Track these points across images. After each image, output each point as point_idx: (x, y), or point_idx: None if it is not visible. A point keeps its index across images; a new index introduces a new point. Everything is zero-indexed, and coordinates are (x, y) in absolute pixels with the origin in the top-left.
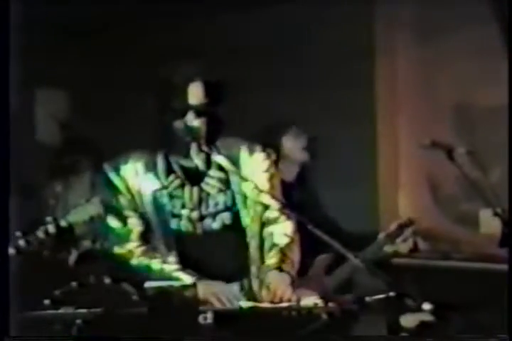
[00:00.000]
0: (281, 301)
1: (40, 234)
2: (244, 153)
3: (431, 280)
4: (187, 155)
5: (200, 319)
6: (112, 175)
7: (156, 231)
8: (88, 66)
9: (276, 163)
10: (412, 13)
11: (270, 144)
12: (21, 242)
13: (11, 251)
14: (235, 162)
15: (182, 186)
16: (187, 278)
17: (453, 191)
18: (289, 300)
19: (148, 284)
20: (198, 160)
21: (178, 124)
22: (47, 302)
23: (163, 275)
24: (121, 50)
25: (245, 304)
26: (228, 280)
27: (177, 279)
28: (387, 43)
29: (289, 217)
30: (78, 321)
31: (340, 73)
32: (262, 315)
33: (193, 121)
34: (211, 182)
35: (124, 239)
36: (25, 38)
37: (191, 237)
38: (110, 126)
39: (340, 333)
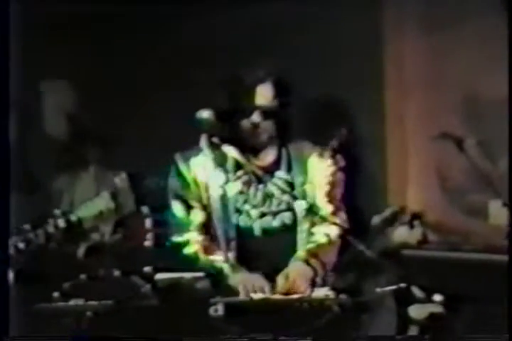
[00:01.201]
0: (294, 293)
1: (50, 228)
2: (313, 158)
3: (440, 272)
4: (257, 154)
5: (211, 311)
6: (182, 166)
7: (217, 224)
8: (98, 59)
9: (343, 169)
10: (420, 3)
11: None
12: (31, 235)
13: (21, 245)
14: (302, 165)
15: (249, 183)
16: (225, 268)
17: (462, 182)
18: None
19: (158, 276)
20: (208, 152)
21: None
22: (56, 294)
23: (207, 265)
24: (133, 43)
25: (256, 296)
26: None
27: (217, 268)
28: (395, 34)
29: (336, 223)
30: (89, 313)
31: (347, 66)
32: (273, 307)
33: (203, 113)
34: (277, 183)
35: (184, 228)
36: (29, 29)
37: (248, 233)
38: (119, 120)
39: (351, 325)
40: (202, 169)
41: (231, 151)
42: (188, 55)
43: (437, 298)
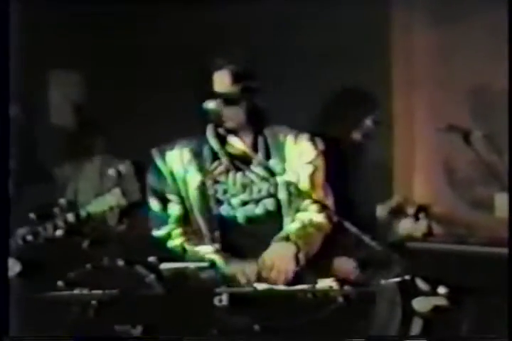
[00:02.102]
0: (280, 273)
1: (60, 222)
2: (290, 142)
3: (445, 265)
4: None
5: (216, 301)
6: (158, 160)
7: (198, 216)
8: (104, 49)
9: (324, 152)
10: None
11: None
12: (39, 228)
13: (29, 237)
14: (280, 150)
15: (227, 172)
16: (218, 259)
17: (469, 175)
18: (288, 273)
19: (163, 266)
20: (213, 142)
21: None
22: (60, 284)
23: (196, 257)
24: (137, 32)
25: (260, 286)
26: None
27: (208, 260)
28: (403, 25)
29: (324, 209)
30: (93, 302)
31: (355, 56)
32: (278, 298)
33: (209, 103)
34: (255, 170)
35: (163, 222)
36: (34, 19)
37: (232, 222)
38: (125, 110)
39: (355, 316)
40: (179, 162)
41: (236, 142)
42: (193, 48)
43: (442, 290)
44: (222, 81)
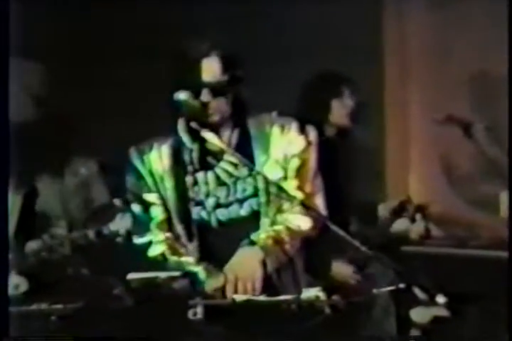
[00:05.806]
0: (245, 283)
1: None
2: (276, 132)
3: (445, 270)
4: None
5: (190, 314)
6: (136, 160)
7: (176, 221)
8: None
9: (316, 143)
10: None
11: (319, 107)
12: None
13: (44, 254)
14: (265, 142)
15: (196, 172)
16: (200, 271)
17: (470, 171)
18: (255, 282)
19: (131, 276)
20: (186, 138)
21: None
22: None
23: (177, 267)
24: (106, 22)
25: (239, 297)
26: None
27: (192, 272)
28: (397, 10)
29: (307, 211)
30: (53, 317)
31: (347, 43)
32: (258, 309)
33: (180, 94)
34: (227, 167)
35: (145, 227)
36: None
37: (212, 227)
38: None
39: (345, 328)
40: (158, 161)
41: (211, 138)
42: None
43: (441, 299)
44: (211, 69)
